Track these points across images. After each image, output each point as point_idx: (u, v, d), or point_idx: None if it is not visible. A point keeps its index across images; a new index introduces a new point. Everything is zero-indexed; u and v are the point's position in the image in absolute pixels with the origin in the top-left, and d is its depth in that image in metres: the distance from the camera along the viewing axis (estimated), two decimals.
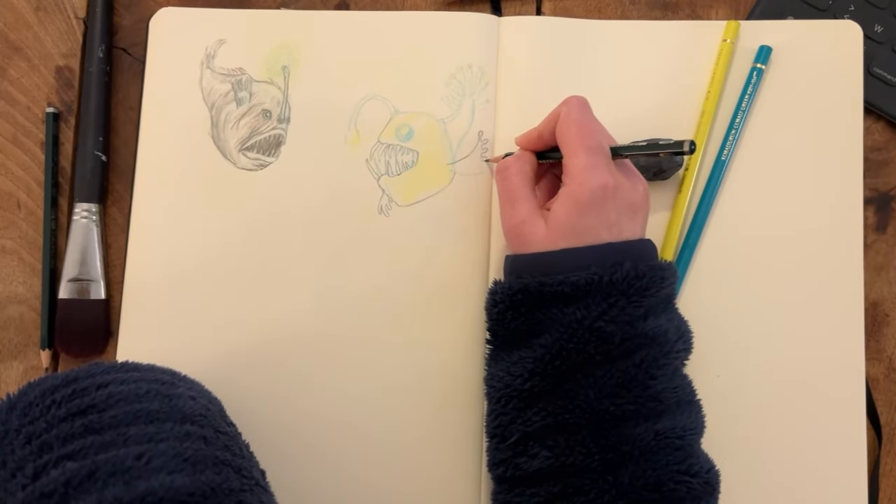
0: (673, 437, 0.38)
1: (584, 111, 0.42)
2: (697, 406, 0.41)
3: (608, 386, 0.38)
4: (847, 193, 0.50)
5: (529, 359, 0.40)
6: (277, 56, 0.52)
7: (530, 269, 0.41)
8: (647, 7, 0.54)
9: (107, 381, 0.36)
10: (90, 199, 0.51)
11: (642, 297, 0.39)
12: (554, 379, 0.39)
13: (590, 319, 0.38)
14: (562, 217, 0.40)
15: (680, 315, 0.42)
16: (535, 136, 0.45)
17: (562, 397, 0.39)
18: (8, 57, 0.53)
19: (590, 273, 0.39)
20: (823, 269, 0.49)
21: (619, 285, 0.39)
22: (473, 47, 0.52)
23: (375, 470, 0.48)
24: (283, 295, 0.50)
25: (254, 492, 0.35)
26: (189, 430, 0.35)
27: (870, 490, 0.48)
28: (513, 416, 0.40)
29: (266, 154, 0.52)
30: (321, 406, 0.48)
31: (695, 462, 0.38)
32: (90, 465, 0.31)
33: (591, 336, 0.38)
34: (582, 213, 0.40)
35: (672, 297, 0.42)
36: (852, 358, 0.48)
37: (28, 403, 0.35)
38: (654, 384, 0.38)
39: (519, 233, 0.42)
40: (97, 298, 0.50)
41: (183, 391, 0.38)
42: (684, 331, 0.42)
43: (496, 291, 0.42)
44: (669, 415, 0.39)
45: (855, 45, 0.51)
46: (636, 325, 0.39)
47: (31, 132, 0.53)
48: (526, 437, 0.40)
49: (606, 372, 0.38)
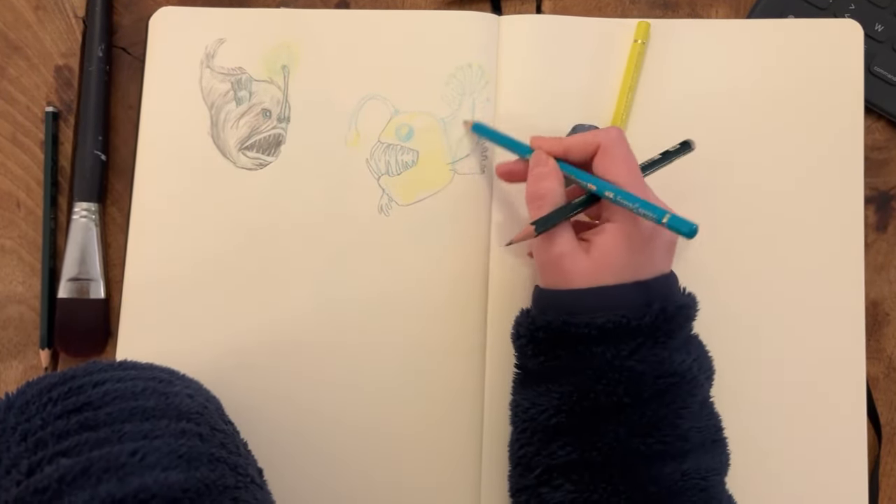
0: (698, 479, 0.37)
1: (627, 146, 0.41)
2: (723, 445, 0.40)
3: (639, 426, 0.37)
4: (848, 193, 0.50)
5: (556, 393, 0.39)
6: (277, 55, 0.52)
7: (556, 306, 0.39)
8: (647, 6, 0.54)
9: (103, 379, 0.36)
10: (90, 199, 0.51)
11: (669, 339, 0.38)
12: (581, 417, 0.38)
13: (619, 359, 0.37)
14: (611, 253, 0.38)
15: (699, 342, 0.41)
16: (561, 152, 0.42)
17: (590, 434, 0.38)
18: (7, 56, 0.53)
19: (618, 315, 0.37)
20: (824, 268, 0.49)
21: (648, 328, 0.37)
22: (473, 46, 0.52)
23: (374, 470, 0.48)
24: (282, 294, 0.50)
25: (249, 489, 0.35)
26: (185, 428, 0.35)
27: (870, 490, 0.48)
28: (537, 448, 0.39)
29: (266, 153, 0.52)
30: (320, 405, 0.48)
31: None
32: (84, 462, 0.31)
33: (622, 377, 0.37)
34: (633, 252, 0.38)
35: (692, 328, 0.41)
36: (853, 357, 0.48)
37: (25, 402, 0.35)
38: (682, 423, 0.38)
39: (558, 267, 0.39)
40: (96, 298, 0.50)
41: (180, 389, 0.38)
42: (704, 360, 0.40)
43: (521, 324, 0.41)
44: (695, 454, 0.38)
45: (855, 44, 0.51)
46: (665, 364, 0.38)
47: (31, 131, 0.53)
48: (550, 469, 0.39)
49: (637, 411, 0.37)
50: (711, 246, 0.50)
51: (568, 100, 0.51)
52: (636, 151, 0.41)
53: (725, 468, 0.40)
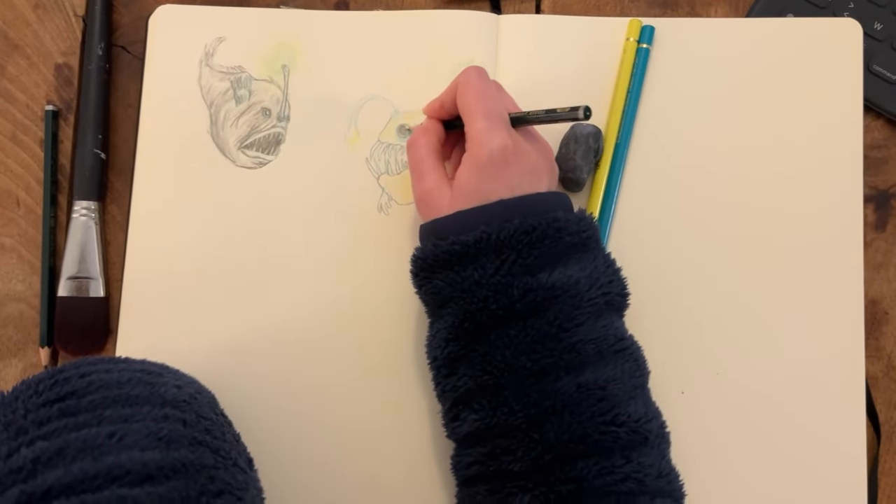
0: (595, 389, 0.38)
1: (481, 78, 0.43)
2: (628, 355, 0.40)
3: (523, 343, 0.38)
4: (847, 191, 0.50)
5: (445, 322, 0.41)
6: (277, 54, 0.52)
7: (428, 235, 0.42)
8: (646, 5, 0.54)
9: (91, 371, 0.37)
10: (89, 197, 0.51)
11: (533, 250, 0.39)
12: (467, 342, 0.40)
13: (486, 277, 0.39)
14: (464, 181, 0.41)
15: (604, 260, 0.42)
16: (438, 105, 0.46)
17: (479, 360, 0.39)
18: (7, 55, 0.53)
19: (478, 232, 0.39)
20: (823, 267, 0.49)
21: (509, 241, 0.39)
22: (473, 46, 0.52)
23: (374, 469, 0.48)
24: (282, 292, 0.50)
25: (229, 470, 0.35)
26: (168, 413, 0.35)
27: (869, 488, 0.47)
28: (443, 385, 0.41)
29: (265, 152, 0.52)
30: (319, 404, 0.48)
31: (621, 412, 0.38)
32: (60, 443, 0.31)
33: (490, 293, 0.39)
34: (483, 176, 0.40)
35: (589, 245, 0.41)
36: (852, 356, 0.48)
37: (14, 398, 0.35)
38: (567, 336, 0.38)
39: (427, 202, 0.43)
40: (96, 296, 0.50)
41: (168, 380, 0.38)
42: (600, 277, 0.41)
43: (410, 260, 0.43)
44: (591, 366, 0.38)
45: (854, 43, 0.51)
46: (538, 276, 0.39)
47: (31, 130, 0.53)
48: (455, 403, 0.40)
49: (520, 331, 0.38)
50: (710, 244, 0.50)
51: (567, 98, 0.51)
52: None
53: (637, 375, 0.40)
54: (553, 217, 0.40)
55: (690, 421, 0.48)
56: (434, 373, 0.42)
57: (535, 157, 0.42)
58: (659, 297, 0.49)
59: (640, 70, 0.51)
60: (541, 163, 0.42)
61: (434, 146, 0.45)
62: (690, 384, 0.48)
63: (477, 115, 0.41)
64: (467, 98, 0.42)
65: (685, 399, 0.48)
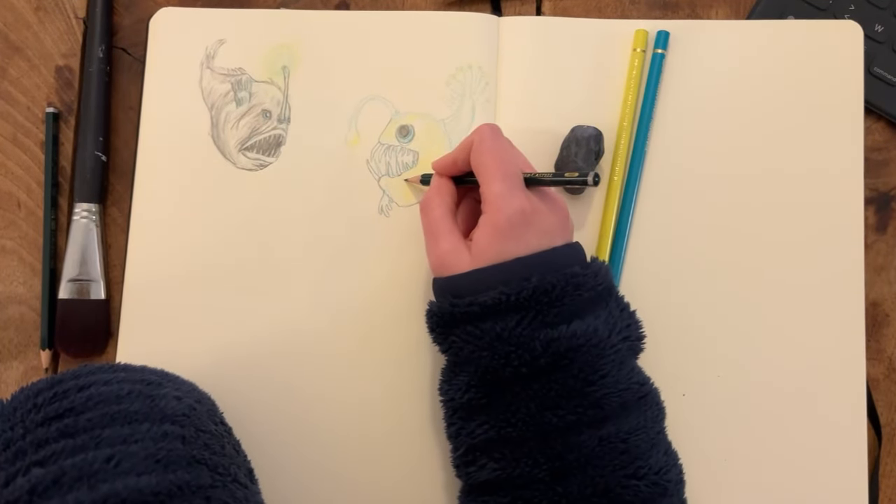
0: (617, 441, 0.38)
1: (496, 138, 0.43)
2: (650, 400, 0.40)
3: (548, 398, 0.38)
4: (848, 193, 0.50)
5: (464, 373, 0.40)
6: (277, 56, 0.52)
7: (443, 292, 0.42)
8: (646, 7, 0.54)
9: (89, 383, 0.36)
10: (90, 199, 0.51)
11: (553, 308, 0.39)
12: (489, 391, 0.39)
13: (507, 331, 0.38)
14: (484, 246, 0.40)
15: (616, 303, 0.41)
16: (450, 163, 0.45)
17: (502, 410, 0.39)
18: (8, 57, 0.53)
19: (496, 293, 0.39)
20: (824, 269, 0.49)
21: (528, 301, 0.38)
22: (474, 47, 0.52)
23: (374, 471, 0.48)
24: (282, 295, 0.50)
25: (227, 488, 0.35)
26: (167, 430, 0.35)
27: (870, 490, 0.48)
28: (459, 427, 0.41)
29: (266, 154, 0.52)
30: (320, 406, 0.48)
31: (643, 464, 0.38)
32: (56, 471, 0.31)
33: (511, 348, 0.38)
34: (503, 239, 0.40)
35: (603, 296, 0.41)
36: (853, 358, 0.48)
37: (13, 408, 0.35)
38: (593, 391, 0.38)
39: (444, 264, 0.42)
40: (97, 298, 0.50)
41: (168, 391, 0.38)
42: (617, 322, 0.40)
43: (426, 314, 0.43)
44: (613, 419, 0.38)
45: (855, 45, 0.51)
46: (558, 328, 0.38)
47: (31, 132, 0.53)
48: (472, 449, 0.40)
49: (544, 385, 0.38)
50: (711, 247, 0.50)
51: (568, 100, 0.51)
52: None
53: (656, 421, 0.40)
54: (571, 273, 0.39)
55: (692, 423, 0.48)
56: (449, 413, 0.42)
57: (551, 218, 0.41)
58: (660, 299, 0.49)
59: (654, 77, 0.51)
60: (556, 224, 0.42)
61: (449, 207, 0.44)
62: (692, 386, 0.48)
63: (495, 178, 0.41)
64: (483, 158, 0.42)
65: (686, 401, 0.48)
